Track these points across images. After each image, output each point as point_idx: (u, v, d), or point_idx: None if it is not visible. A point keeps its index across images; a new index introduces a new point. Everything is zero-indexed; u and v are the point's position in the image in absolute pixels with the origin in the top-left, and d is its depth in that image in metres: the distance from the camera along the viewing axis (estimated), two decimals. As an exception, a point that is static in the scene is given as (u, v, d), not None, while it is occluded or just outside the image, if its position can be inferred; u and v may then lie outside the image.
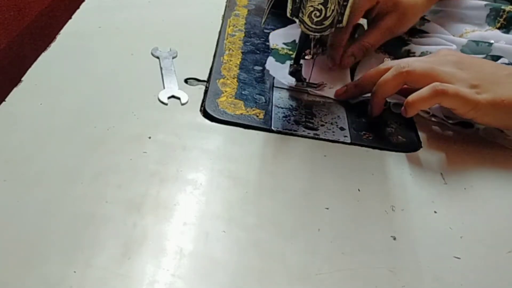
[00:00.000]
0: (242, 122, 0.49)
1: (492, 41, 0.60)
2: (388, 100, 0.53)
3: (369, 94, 0.53)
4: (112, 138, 0.46)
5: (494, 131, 0.52)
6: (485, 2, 0.66)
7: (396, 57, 0.61)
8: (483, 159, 0.49)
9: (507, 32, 0.63)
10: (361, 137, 0.50)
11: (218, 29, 0.65)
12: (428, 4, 0.63)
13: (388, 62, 0.53)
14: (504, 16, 0.63)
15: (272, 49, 0.62)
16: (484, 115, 0.48)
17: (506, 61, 0.57)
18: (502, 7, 0.64)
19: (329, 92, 0.55)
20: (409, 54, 0.61)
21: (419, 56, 0.60)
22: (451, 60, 0.51)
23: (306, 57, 0.53)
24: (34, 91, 0.50)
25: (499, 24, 0.63)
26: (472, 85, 0.48)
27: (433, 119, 0.54)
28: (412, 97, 0.48)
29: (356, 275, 0.37)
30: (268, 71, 0.58)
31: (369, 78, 0.53)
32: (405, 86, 0.50)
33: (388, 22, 0.59)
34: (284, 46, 0.62)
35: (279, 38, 0.64)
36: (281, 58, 0.60)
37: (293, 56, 0.54)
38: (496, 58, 0.57)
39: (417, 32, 0.65)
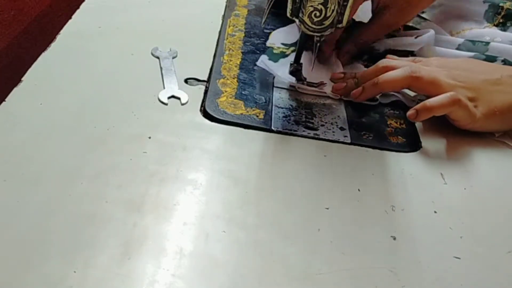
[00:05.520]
0: (242, 122, 0.49)
1: (487, 39, 0.60)
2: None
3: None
4: (112, 138, 0.46)
5: None
6: None
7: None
8: (483, 159, 0.50)
9: (504, 29, 0.63)
10: (361, 137, 0.50)
11: (218, 29, 0.65)
12: None
13: (393, 62, 0.54)
14: (503, 13, 0.63)
15: (268, 47, 0.62)
16: (480, 126, 0.51)
17: (502, 59, 0.57)
18: (501, 4, 0.64)
19: (329, 89, 0.55)
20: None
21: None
22: (440, 65, 0.53)
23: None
24: (34, 91, 0.50)
25: (497, 21, 0.63)
26: (469, 98, 0.50)
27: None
28: (430, 102, 0.49)
29: (356, 275, 0.37)
30: (267, 67, 0.58)
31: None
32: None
33: (387, 17, 0.59)
34: (281, 46, 0.62)
35: (279, 37, 0.64)
36: (274, 56, 0.60)
37: (287, 54, 0.54)
38: (492, 58, 0.58)
39: (413, 30, 0.65)
